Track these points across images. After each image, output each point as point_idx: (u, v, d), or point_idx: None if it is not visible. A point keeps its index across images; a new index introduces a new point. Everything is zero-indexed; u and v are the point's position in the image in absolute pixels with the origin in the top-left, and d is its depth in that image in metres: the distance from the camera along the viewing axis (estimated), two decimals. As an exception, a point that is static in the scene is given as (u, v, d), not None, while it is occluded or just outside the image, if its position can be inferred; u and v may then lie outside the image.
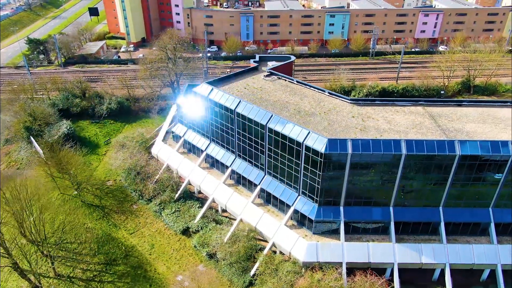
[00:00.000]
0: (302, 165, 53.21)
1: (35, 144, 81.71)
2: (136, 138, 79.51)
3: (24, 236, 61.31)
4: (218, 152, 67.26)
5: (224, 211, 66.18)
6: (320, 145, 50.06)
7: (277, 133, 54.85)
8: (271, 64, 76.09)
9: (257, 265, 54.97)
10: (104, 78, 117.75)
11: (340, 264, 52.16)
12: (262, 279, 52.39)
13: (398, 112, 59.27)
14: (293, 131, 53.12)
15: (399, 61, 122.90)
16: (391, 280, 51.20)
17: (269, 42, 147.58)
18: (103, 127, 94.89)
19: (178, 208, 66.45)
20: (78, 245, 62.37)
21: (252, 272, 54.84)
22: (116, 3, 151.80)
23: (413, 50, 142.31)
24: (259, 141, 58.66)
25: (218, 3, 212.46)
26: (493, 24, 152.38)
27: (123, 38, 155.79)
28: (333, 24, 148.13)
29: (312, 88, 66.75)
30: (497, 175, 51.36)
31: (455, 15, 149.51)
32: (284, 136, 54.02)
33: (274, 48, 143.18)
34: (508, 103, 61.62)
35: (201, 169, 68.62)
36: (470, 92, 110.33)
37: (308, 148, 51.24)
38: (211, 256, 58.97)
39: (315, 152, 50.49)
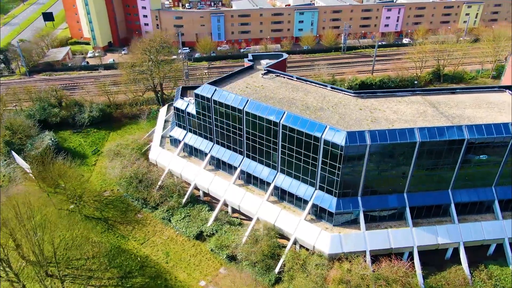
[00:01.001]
0: (320, 159, 54.02)
1: (18, 159, 76.45)
2: (131, 145, 76.76)
3: (23, 257, 57.69)
4: (224, 153, 66.54)
5: (234, 212, 65.69)
6: (339, 138, 51.11)
7: (292, 129, 55.26)
8: (265, 62, 76.26)
9: (281, 262, 55.17)
10: (79, 85, 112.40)
11: (364, 252, 53.62)
12: (290, 275, 52.67)
13: (400, 102, 61.75)
14: (309, 126, 53.79)
15: (372, 55, 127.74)
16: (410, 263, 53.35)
17: (242, 41, 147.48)
18: (87, 137, 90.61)
19: (188, 213, 65.05)
20: (85, 260, 59.29)
21: (277, 269, 54.96)
22: (78, 7, 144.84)
23: (380, 43, 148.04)
24: (271, 139, 58.76)
25: (180, 4, 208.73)
26: (449, 16, 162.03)
27: (87, 43, 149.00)
28: (302, 22, 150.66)
29: (313, 83, 67.83)
30: (499, 155, 55.03)
31: (415, 9, 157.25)
32: (300, 132, 54.54)
33: (247, 47, 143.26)
34: (496, 88, 66.13)
35: (208, 172, 67.57)
36: (440, 81, 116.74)
37: (327, 142, 52.11)
38: (230, 258, 58.37)
39: (335, 145, 51.47)
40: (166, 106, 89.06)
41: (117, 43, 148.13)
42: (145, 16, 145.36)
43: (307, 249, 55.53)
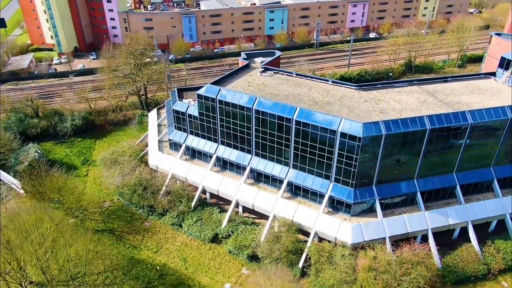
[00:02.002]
0: (336, 151, 55.04)
1: (4, 175, 71.18)
2: (128, 152, 73.87)
3: (31, 282, 54.09)
4: (230, 153, 65.89)
5: (244, 211, 65.32)
6: (357, 130, 52.36)
7: (306, 125, 55.82)
8: (259, 60, 76.26)
9: (304, 256, 55.66)
10: (52, 94, 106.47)
11: (383, 239, 55.37)
12: (317, 268, 53.26)
13: (400, 93, 64.23)
14: (324, 120, 54.62)
15: (343, 50, 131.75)
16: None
17: (215, 41, 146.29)
18: (72, 147, 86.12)
19: (199, 216, 63.80)
20: (97, 275, 56.42)
21: (300, 264, 55.38)
22: (38, 11, 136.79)
23: (348, 38, 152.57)
24: (283, 135, 59.00)
25: (142, 6, 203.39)
26: (410, 10, 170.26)
27: (51, 50, 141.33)
28: (273, 20, 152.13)
29: (314, 79, 68.87)
30: (496, 137, 58.87)
31: (378, 4, 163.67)
32: (314, 127, 55.23)
33: (221, 47, 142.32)
34: (482, 75, 70.55)
35: (215, 173, 66.59)
36: (412, 72, 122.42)
37: (343, 134, 53.18)
38: (251, 257, 58.02)
39: (352, 137, 52.67)
40: (155, 110, 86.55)
41: (83, 48, 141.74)
42: (112, 19, 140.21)
43: (329, 241, 56.27)
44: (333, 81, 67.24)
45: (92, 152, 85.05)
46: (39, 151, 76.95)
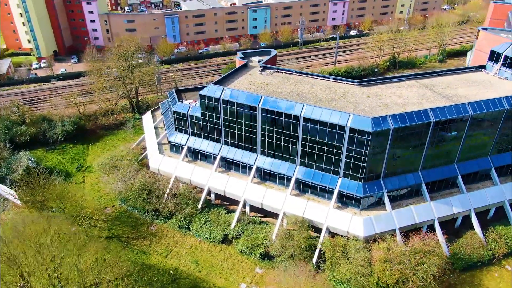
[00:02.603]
0: (345, 147, 55.78)
1: (-2, 185, 68.29)
2: (127, 156, 72.26)
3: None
4: (235, 153, 65.57)
5: (251, 211, 65.19)
6: (366, 125, 53.22)
7: (314, 121, 56.26)
8: (256, 59, 76.32)
9: (317, 252, 56.14)
10: (35, 99, 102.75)
11: (393, 231, 56.57)
12: (332, 262, 53.77)
13: (400, 87, 65.76)
14: (333, 116, 55.21)
15: (327, 47, 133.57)
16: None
17: (199, 42, 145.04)
18: (64, 153, 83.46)
19: (207, 218, 63.21)
20: (107, 284, 54.91)
21: (314, 260, 55.83)
22: (14, 15, 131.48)
23: (332, 36, 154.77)
24: (290, 133, 59.22)
25: (119, 8, 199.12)
26: (387, 8, 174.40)
27: (28, 54, 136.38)
28: (256, 19, 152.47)
29: (314, 76, 69.51)
30: (494, 128, 61.19)
31: (358, 2, 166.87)
32: (323, 123, 55.73)
33: (206, 48, 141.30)
34: (473, 69, 73.19)
35: (220, 174, 66.11)
36: (396, 68, 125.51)
37: (353, 130, 53.94)
38: (263, 256, 57.98)
39: (362, 132, 53.50)
40: (149, 113, 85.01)
41: (63, 52, 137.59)
42: (92, 21, 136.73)
43: (341, 236, 56.91)
44: (333, 78, 68.08)
45: (85, 157, 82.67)
46: (32, 159, 74.11)
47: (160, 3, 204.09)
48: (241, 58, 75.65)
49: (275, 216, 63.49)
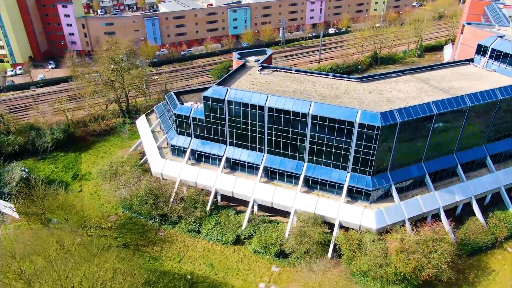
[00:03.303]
0: (354, 142, 56.90)
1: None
2: (128, 162, 70.55)
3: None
4: (241, 154, 65.43)
5: (259, 210, 65.29)
6: (375, 120, 54.51)
7: (323, 118, 57.03)
8: (252, 59, 76.33)
9: (332, 246, 57.02)
10: (17, 107, 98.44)
11: (403, 221, 58.28)
12: (348, 256, 54.75)
13: (398, 82, 67.73)
14: (341, 113, 56.18)
15: (312, 46, 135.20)
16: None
17: (181, 44, 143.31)
18: (56, 162, 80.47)
19: (217, 220, 62.81)
20: (122, 294, 53.60)
21: (329, 255, 56.67)
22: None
23: (311, 35, 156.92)
24: (298, 131, 59.75)
25: (91, 10, 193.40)
26: (362, 6, 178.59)
27: (1, 61, 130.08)
28: (236, 19, 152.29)
29: (314, 74, 70.39)
30: (488, 118, 64.16)
31: (334, 0, 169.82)
32: (332, 120, 56.60)
33: (188, 50, 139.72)
34: (462, 62, 76.37)
35: (226, 175, 65.78)
36: (378, 64, 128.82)
37: (362, 125, 55.11)
38: (278, 255, 58.27)
39: (371, 127, 54.76)
40: (143, 117, 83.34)
41: (38, 58, 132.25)
42: (69, 25, 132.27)
43: (353, 229, 57.98)
44: (333, 75, 69.22)
45: (79, 165, 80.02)
46: (25, 170, 71.06)
47: (134, 5, 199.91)
48: (238, 58, 75.46)
49: (283, 214, 64.01)
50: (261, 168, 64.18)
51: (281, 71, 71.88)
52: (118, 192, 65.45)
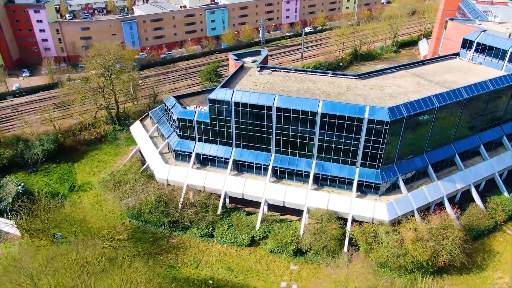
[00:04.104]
0: (363, 138, 58.35)
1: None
2: (131, 170, 68.69)
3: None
4: (249, 155, 65.42)
5: (268, 210, 65.58)
6: (383, 115, 56.16)
7: (332, 116, 58.08)
8: (249, 60, 76.36)
9: (347, 241, 58.21)
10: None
11: (412, 212, 60.40)
12: (365, 248, 56.11)
13: (395, 78, 69.96)
14: (350, 110, 57.44)
15: (291, 45, 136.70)
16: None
17: (161, 47, 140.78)
18: (49, 175, 77.21)
19: (229, 223, 62.51)
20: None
21: (345, 249, 57.84)
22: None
23: (290, 34, 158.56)
24: (307, 129, 60.51)
25: (59, 15, 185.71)
26: (335, 4, 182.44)
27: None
28: (214, 21, 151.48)
29: (313, 73, 71.46)
30: (480, 108, 67.57)
31: (308, 0, 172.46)
32: (341, 117, 57.73)
33: (168, 53, 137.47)
34: (449, 56, 79.85)
35: (235, 177, 65.54)
36: (358, 60, 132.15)
37: (371, 121, 56.62)
38: (294, 253, 58.83)
39: (380, 122, 56.36)
40: (138, 122, 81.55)
41: (10, 66, 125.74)
42: (42, 30, 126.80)
43: (366, 223, 59.44)
44: (333, 73, 70.53)
45: (75, 176, 77.11)
46: (21, 184, 67.70)
47: (103, 8, 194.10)
48: (236, 60, 75.29)
49: (292, 212, 64.62)
50: (270, 168, 64.45)
51: (280, 71, 72.39)
52: (124, 201, 63.71)
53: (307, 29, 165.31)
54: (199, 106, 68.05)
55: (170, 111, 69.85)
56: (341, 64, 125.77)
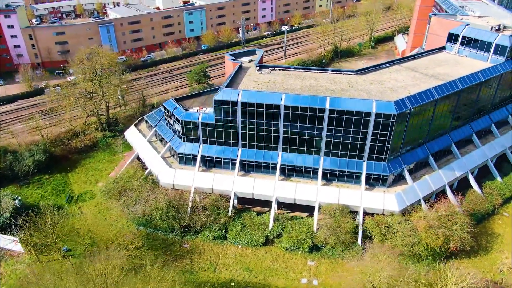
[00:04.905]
0: (371, 131, 59.71)
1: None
2: (135, 176, 66.81)
3: None
4: (256, 154, 65.32)
5: (278, 208, 65.77)
6: (390, 109, 57.72)
7: (340, 112, 59.04)
8: (246, 59, 76.17)
9: (360, 233, 59.40)
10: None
11: (419, 201, 62.45)
12: (380, 239, 57.46)
13: (391, 72, 72.00)
14: (358, 105, 58.65)
15: (271, 44, 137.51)
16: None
17: (141, 50, 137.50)
18: (43, 186, 73.80)
19: (242, 224, 62.17)
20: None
21: (359, 241, 59.01)
22: None
23: (269, 33, 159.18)
24: (315, 126, 61.15)
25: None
26: (309, 2, 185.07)
27: None
28: (192, 22, 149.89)
29: (312, 70, 72.30)
30: (472, 99, 70.83)
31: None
32: (349, 112, 58.81)
33: (148, 55, 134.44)
34: (436, 50, 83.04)
35: (243, 177, 65.25)
36: (338, 57, 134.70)
37: (378, 115, 58.04)
38: (310, 249, 59.37)
39: (387, 116, 57.87)
40: (133, 127, 79.51)
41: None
42: (13, 36, 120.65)
43: (377, 214, 60.88)
44: (332, 70, 71.63)
45: (70, 187, 74.02)
46: (18, 198, 64.30)
47: (72, 12, 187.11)
48: (233, 60, 74.89)
49: (301, 209, 65.16)
50: (278, 166, 64.65)
51: (279, 69, 72.70)
52: (132, 208, 61.93)
53: (284, 28, 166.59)
54: (202, 108, 67.17)
55: (171, 114, 68.51)
56: (323, 61, 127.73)
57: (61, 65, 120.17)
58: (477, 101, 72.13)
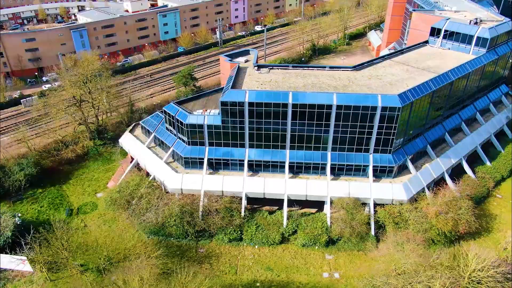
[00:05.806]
0: (377, 125, 61.54)
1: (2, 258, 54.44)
2: (142, 184, 64.79)
3: None
4: (264, 154, 65.44)
5: (290, 205, 66.23)
6: (394, 102, 59.79)
7: (348, 107, 60.42)
8: (242, 59, 76.24)
9: (373, 224, 61.09)
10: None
11: (423, 189, 65.11)
12: (393, 227, 59.39)
13: (385, 67, 74.45)
14: (363, 100, 60.27)
15: (247, 44, 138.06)
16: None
17: (117, 54, 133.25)
18: (38, 201, 70.16)
19: (256, 224, 62.13)
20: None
21: (372, 231, 60.72)
22: None
23: (244, 33, 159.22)
24: (323, 123, 62.13)
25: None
26: (279, 2, 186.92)
27: None
28: (166, 24, 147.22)
29: (311, 68, 73.35)
30: (462, 89, 74.71)
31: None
32: (356, 107, 60.30)
33: (125, 60, 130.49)
34: (420, 44, 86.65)
35: (252, 178, 65.17)
36: (316, 55, 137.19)
37: (384, 108, 59.94)
38: (326, 243, 60.37)
39: (392, 109, 59.90)
40: (127, 134, 77.07)
41: None
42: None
43: (386, 205, 62.90)
44: (330, 67, 73.04)
45: (67, 199, 70.76)
46: (18, 214, 60.66)
47: (34, 17, 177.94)
48: (230, 61, 74.58)
49: (310, 205, 66.04)
50: (287, 164, 65.13)
51: (278, 68, 73.19)
52: (143, 217, 60.22)
53: (257, 28, 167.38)
54: (206, 110, 66.35)
55: (174, 118, 67.12)
56: (303, 59, 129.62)
57: (35, 73, 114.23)
58: (465, 91, 76.13)
